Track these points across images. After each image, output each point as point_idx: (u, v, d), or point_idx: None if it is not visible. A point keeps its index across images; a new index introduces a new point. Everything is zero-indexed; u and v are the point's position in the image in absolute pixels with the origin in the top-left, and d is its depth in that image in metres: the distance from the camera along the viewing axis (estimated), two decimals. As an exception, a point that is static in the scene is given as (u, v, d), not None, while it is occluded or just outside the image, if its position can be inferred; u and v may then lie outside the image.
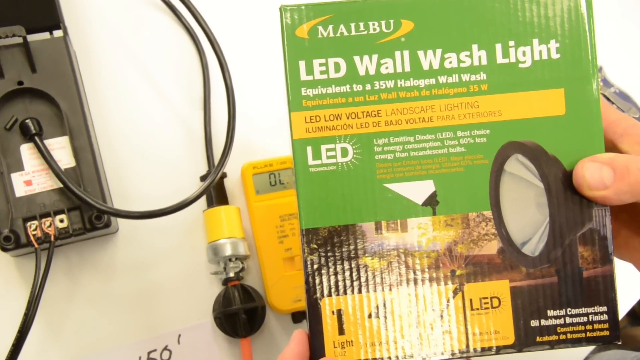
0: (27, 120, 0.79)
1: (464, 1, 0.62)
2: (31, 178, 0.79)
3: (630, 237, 0.66)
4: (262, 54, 0.94)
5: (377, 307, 0.62)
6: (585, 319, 0.62)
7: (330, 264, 0.62)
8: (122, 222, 0.86)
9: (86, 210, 0.79)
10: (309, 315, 0.62)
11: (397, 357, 0.62)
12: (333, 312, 0.62)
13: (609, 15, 0.60)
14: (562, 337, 0.62)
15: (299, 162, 0.61)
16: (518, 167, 0.61)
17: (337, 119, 0.61)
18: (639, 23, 1.09)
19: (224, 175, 0.88)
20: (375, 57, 0.61)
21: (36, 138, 0.78)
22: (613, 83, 1.02)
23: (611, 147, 0.63)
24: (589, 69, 0.62)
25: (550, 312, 0.62)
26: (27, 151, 0.79)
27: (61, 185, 0.78)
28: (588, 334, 0.62)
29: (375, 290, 0.62)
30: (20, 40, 0.80)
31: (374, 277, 0.62)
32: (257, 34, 0.95)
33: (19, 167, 0.79)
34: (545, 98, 0.62)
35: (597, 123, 0.62)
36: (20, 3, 0.81)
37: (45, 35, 0.82)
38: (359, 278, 0.62)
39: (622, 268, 0.65)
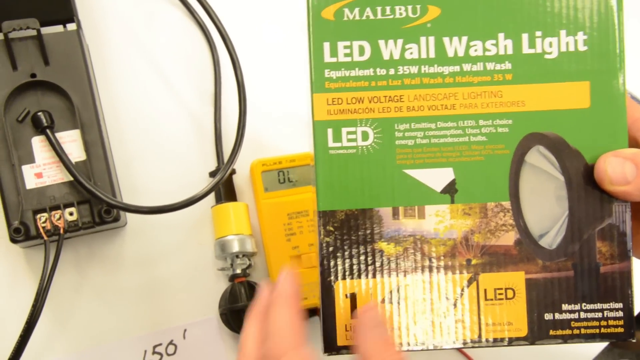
0: (39, 113, 0.79)
1: None
2: (42, 170, 0.79)
3: None
4: (273, 51, 0.95)
5: (391, 292, 0.62)
6: (600, 314, 0.62)
7: (345, 247, 0.62)
8: (130, 216, 0.86)
9: (96, 204, 0.79)
10: (322, 298, 0.62)
11: (408, 343, 0.62)
12: (347, 295, 0.62)
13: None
14: (576, 331, 0.62)
15: (319, 143, 0.61)
16: (539, 159, 0.61)
17: (359, 102, 0.61)
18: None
19: (233, 172, 0.88)
20: (400, 41, 0.61)
21: (48, 131, 0.79)
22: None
23: (634, 144, 0.62)
24: (616, 62, 0.62)
25: (565, 306, 0.62)
26: (38, 144, 0.79)
27: (71, 179, 0.79)
28: (602, 330, 0.62)
29: (389, 276, 0.62)
30: (34, 32, 0.80)
31: (389, 262, 0.62)
32: (269, 30, 0.95)
33: (30, 159, 0.79)
34: (570, 90, 0.61)
35: (622, 118, 0.61)
36: (35, -4, 0.82)
37: (59, 28, 0.83)
38: (373, 263, 0.62)
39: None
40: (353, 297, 0.62)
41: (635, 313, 0.62)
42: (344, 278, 0.62)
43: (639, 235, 0.65)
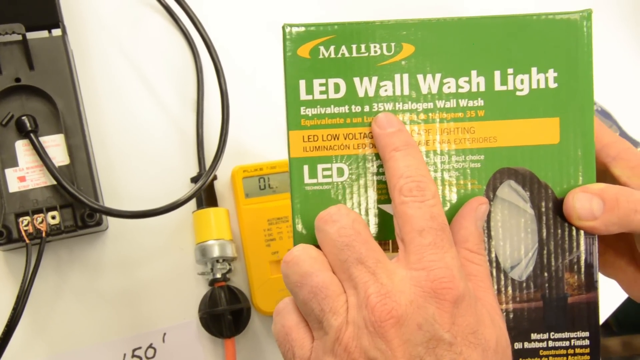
0: (23, 117, 0.80)
1: (464, 27, 0.61)
2: (25, 174, 0.79)
3: (616, 257, 0.67)
4: (254, 59, 0.95)
5: None
6: (567, 343, 0.62)
7: None
8: (111, 220, 0.87)
9: (78, 207, 0.80)
10: None
11: None
12: None
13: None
14: (544, 359, 0.63)
15: (295, 180, 0.61)
16: (510, 193, 0.61)
17: (334, 139, 0.61)
18: (619, 42, 1.11)
19: (215, 178, 0.89)
20: (375, 79, 0.61)
21: (31, 135, 0.79)
22: (595, 101, 1.03)
23: (603, 170, 0.63)
24: (586, 99, 0.62)
25: (533, 336, 0.62)
26: (22, 147, 0.80)
27: (54, 182, 0.79)
28: (569, 358, 0.62)
29: None
30: (19, 37, 0.81)
31: None
32: (251, 39, 0.96)
33: (14, 162, 0.80)
34: (541, 126, 0.61)
35: (590, 153, 0.62)
36: (21, 1, 0.82)
37: (44, 33, 0.83)
38: None
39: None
40: None
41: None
42: None
43: (607, 256, 0.67)
